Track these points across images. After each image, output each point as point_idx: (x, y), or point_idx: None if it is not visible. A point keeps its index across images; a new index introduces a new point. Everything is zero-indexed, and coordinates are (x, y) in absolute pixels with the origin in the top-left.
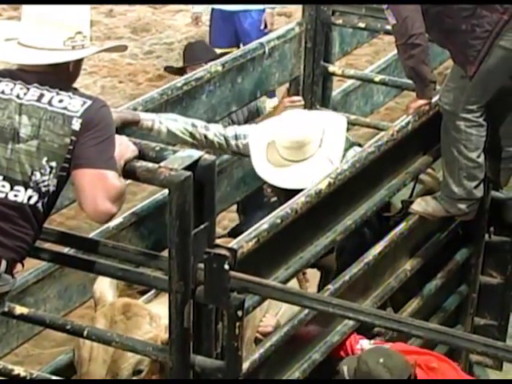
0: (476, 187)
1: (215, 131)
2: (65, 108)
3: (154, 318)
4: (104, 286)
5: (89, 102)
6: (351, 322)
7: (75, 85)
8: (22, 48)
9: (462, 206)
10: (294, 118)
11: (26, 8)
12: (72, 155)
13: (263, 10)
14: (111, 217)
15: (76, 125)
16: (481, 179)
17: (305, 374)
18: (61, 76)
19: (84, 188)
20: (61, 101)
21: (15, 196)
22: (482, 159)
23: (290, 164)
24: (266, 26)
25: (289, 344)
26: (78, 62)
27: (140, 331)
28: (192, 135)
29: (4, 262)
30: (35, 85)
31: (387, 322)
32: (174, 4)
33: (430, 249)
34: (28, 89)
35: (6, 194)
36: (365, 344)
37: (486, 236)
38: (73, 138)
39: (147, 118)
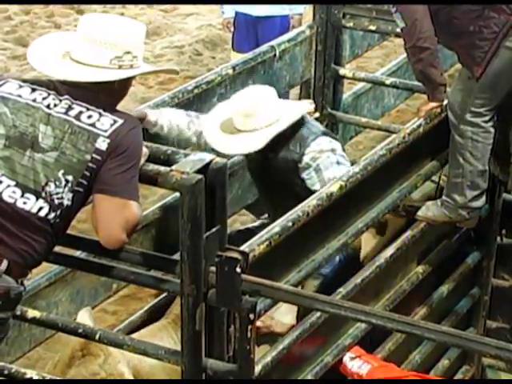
0: (477, 197)
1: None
2: (92, 125)
3: (108, 359)
4: (85, 320)
5: (119, 122)
6: (363, 325)
7: None
8: (72, 63)
9: (463, 213)
10: (253, 90)
11: (81, 22)
12: (95, 176)
13: (287, 16)
14: (122, 245)
15: (102, 144)
16: (483, 189)
17: (317, 377)
18: (103, 93)
19: (104, 214)
20: (90, 117)
21: (24, 203)
22: (486, 168)
23: (236, 132)
24: None
25: (301, 347)
26: (125, 81)
27: (85, 371)
28: (189, 124)
29: (5, 262)
30: (67, 97)
31: (399, 325)
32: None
33: (442, 251)
34: (60, 100)
35: (16, 200)
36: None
37: (498, 239)
38: (95, 156)
39: (151, 112)
